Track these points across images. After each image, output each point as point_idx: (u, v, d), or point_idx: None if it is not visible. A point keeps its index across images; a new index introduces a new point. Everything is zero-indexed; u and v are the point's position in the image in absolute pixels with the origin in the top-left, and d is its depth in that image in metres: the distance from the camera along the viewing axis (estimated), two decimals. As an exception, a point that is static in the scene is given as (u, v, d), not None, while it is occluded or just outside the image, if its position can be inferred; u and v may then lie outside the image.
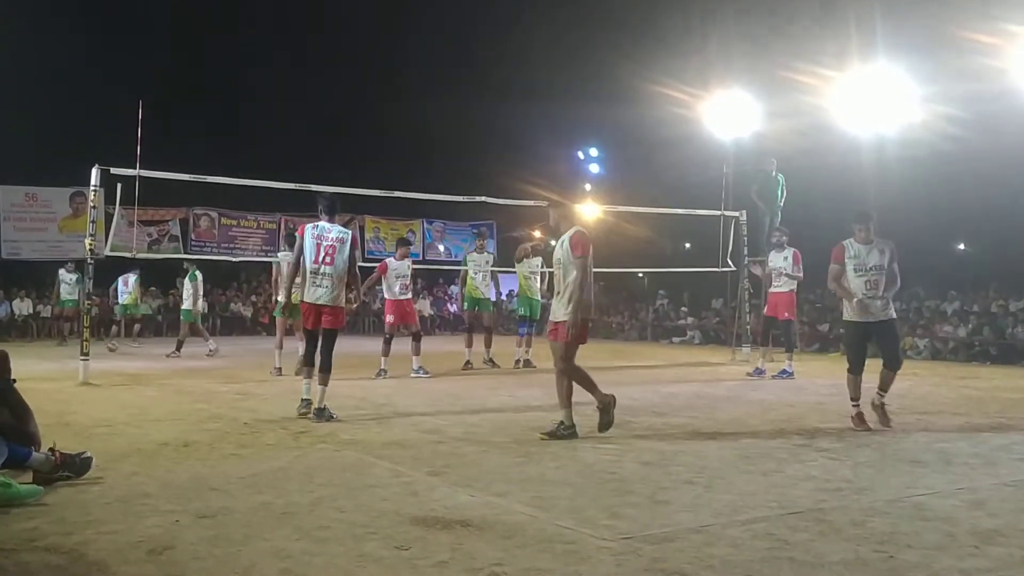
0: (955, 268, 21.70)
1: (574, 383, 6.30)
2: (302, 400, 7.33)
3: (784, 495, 4.48)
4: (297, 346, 11.36)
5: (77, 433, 6.20)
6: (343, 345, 7.95)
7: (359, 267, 7.85)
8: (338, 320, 7.31)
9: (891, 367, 7.08)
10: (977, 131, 16.17)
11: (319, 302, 7.21)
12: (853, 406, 7.00)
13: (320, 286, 7.21)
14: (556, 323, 6.30)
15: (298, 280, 7.41)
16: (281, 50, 29.81)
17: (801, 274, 11.19)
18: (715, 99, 16.95)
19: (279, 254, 12.10)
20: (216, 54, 28.02)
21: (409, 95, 30.29)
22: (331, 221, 7.39)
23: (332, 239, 7.25)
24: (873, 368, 7.14)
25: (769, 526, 3.88)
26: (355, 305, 7.43)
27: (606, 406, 6.30)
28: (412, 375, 10.92)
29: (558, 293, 6.37)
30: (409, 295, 11.42)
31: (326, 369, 7.19)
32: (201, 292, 15.20)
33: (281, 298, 11.18)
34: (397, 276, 11.16)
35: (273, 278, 12.17)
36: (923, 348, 15.51)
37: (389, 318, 11.33)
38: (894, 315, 7.16)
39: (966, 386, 10.32)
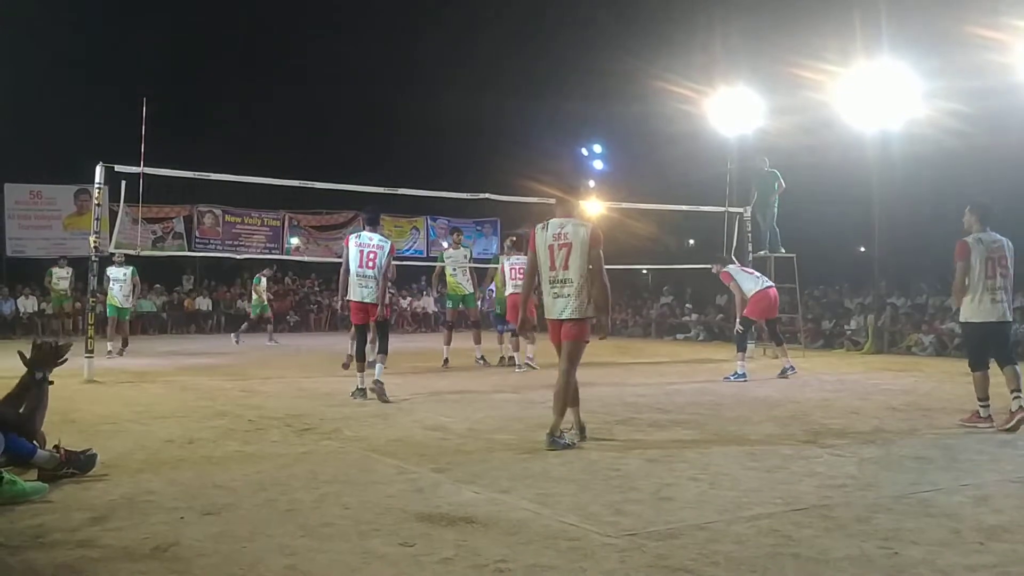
0: (960, 264, 21.55)
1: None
2: (357, 388, 8.24)
3: (789, 491, 4.48)
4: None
5: (82, 430, 6.21)
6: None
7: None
8: (385, 313, 8.47)
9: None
10: (982, 127, 16.09)
11: (365, 300, 8.27)
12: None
13: (365, 287, 8.26)
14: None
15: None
16: (284, 48, 29.86)
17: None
18: (719, 95, 16.90)
19: None
20: (220, 51, 28.09)
21: (413, 92, 30.35)
22: (372, 231, 8.46)
23: (373, 246, 8.31)
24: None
25: (774, 522, 3.88)
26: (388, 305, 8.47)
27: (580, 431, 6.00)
28: (517, 370, 11.08)
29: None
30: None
31: (384, 351, 8.37)
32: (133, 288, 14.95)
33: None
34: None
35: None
36: (928, 344, 15.47)
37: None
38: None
39: (971, 382, 10.26)
